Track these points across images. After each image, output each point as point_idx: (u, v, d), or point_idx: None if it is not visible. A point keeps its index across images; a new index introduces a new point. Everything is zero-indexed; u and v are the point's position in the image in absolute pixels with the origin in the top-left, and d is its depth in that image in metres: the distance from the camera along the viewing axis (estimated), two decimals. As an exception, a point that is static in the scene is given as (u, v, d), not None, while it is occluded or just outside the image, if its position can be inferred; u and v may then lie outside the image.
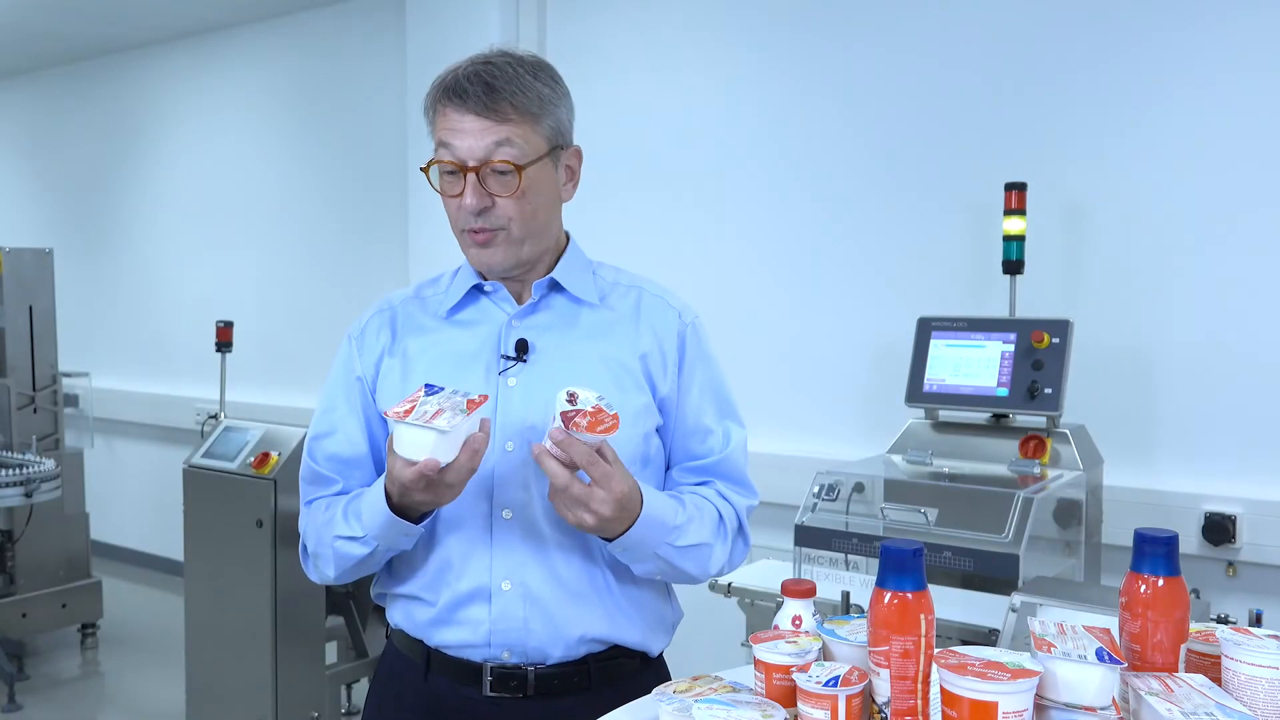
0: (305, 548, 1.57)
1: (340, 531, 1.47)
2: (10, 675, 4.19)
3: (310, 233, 5.21)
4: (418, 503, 1.38)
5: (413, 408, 1.32)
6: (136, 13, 5.34)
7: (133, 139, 6.08)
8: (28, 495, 4.07)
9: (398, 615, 1.55)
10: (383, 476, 1.40)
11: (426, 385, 1.36)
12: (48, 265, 4.74)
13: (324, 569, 1.54)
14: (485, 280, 1.53)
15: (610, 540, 1.41)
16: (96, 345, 6.18)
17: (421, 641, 1.51)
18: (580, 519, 1.35)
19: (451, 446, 1.30)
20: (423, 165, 1.47)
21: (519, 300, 1.53)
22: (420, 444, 1.30)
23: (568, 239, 1.58)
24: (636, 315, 1.54)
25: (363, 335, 1.57)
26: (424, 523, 1.44)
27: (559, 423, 1.31)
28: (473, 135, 1.41)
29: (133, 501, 6.07)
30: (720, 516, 1.52)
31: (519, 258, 1.48)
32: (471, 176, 1.42)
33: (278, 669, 3.22)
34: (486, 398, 1.34)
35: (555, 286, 1.53)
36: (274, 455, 3.27)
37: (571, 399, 1.33)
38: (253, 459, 3.30)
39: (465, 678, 1.48)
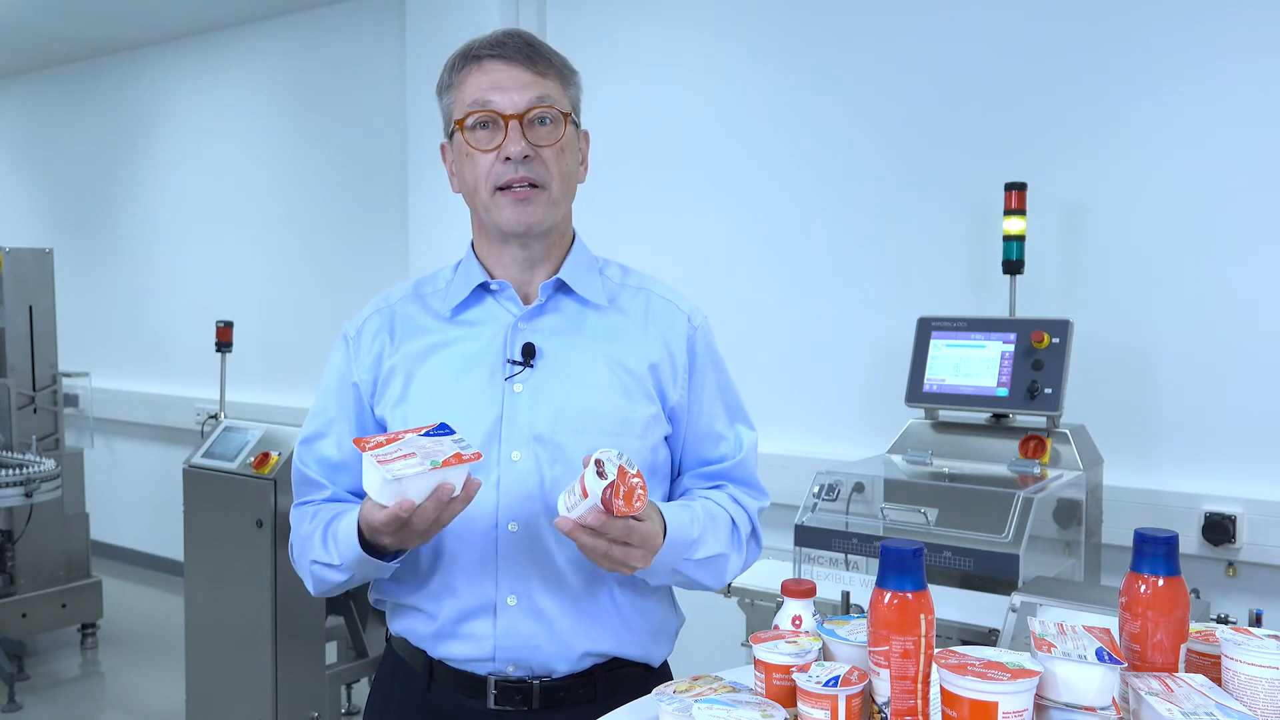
0: (291, 550, 1.55)
1: (318, 557, 1.43)
2: (10, 675, 4.19)
3: (310, 233, 5.21)
4: (386, 544, 1.34)
5: (390, 441, 1.25)
6: (136, 13, 5.33)
7: (133, 139, 6.08)
8: (28, 495, 4.06)
9: (398, 625, 1.51)
10: (359, 505, 1.34)
11: (440, 425, 1.28)
12: (48, 265, 4.74)
13: (305, 581, 1.51)
14: (492, 278, 1.48)
15: None
16: (96, 345, 6.17)
17: (424, 652, 1.48)
18: (616, 568, 1.32)
19: (416, 493, 1.23)
20: (458, 119, 1.42)
21: (525, 300, 1.48)
22: (371, 482, 1.25)
23: (573, 235, 1.54)
24: (645, 320, 1.50)
25: (359, 336, 1.51)
26: (398, 560, 1.39)
27: (592, 498, 1.20)
28: (515, 87, 1.40)
29: (133, 501, 6.07)
30: (734, 523, 1.49)
31: (554, 219, 1.45)
32: (514, 123, 1.39)
33: (278, 669, 3.22)
34: (478, 455, 1.26)
35: (562, 288, 1.48)
36: (274, 455, 3.27)
37: (599, 467, 1.20)
38: (253, 459, 3.30)
39: (469, 690, 1.44)
